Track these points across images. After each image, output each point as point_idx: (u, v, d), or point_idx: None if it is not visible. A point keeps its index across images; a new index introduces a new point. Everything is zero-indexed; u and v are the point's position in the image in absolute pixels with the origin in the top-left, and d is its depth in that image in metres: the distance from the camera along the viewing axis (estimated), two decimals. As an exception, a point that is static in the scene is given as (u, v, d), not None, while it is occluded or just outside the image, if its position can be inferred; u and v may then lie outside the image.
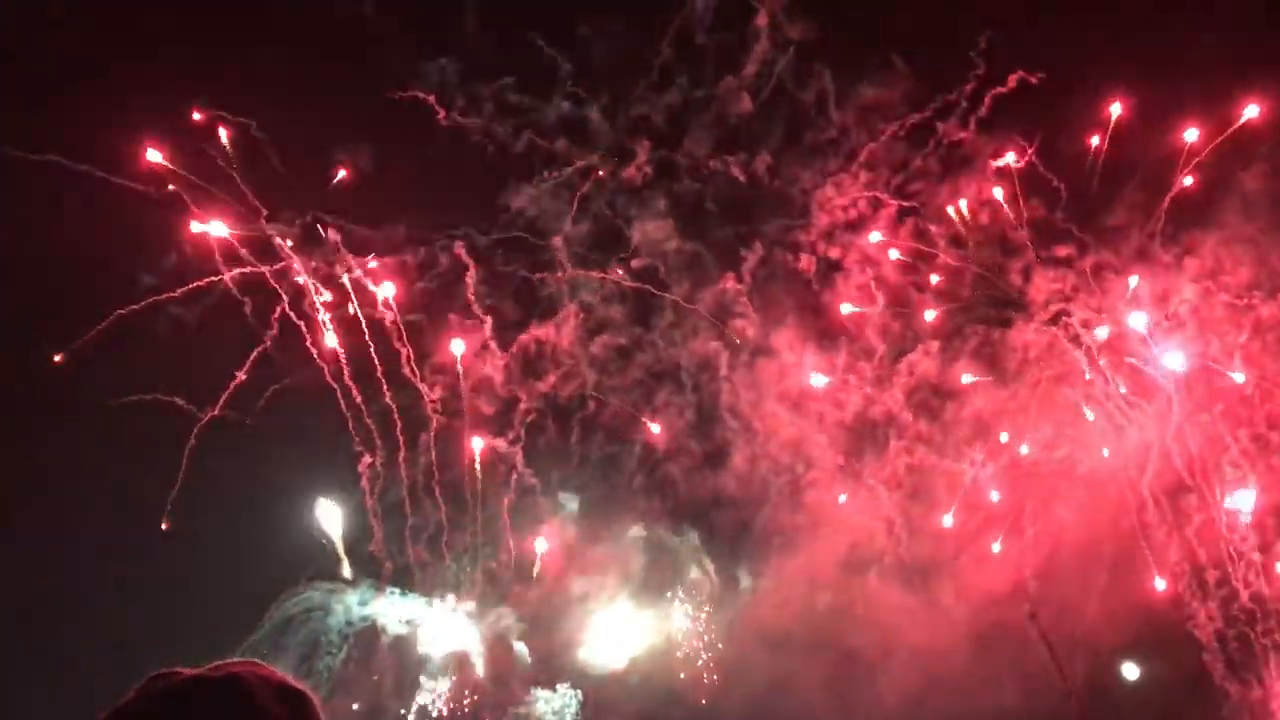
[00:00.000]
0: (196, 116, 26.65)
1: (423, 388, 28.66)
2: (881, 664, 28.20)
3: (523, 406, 29.52)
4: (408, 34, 28.06)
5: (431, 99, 27.93)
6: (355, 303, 27.91)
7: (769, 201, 30.43)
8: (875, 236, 29.86)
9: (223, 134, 26.82)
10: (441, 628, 29.99)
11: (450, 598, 30.01)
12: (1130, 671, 29.11)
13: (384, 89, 27.53)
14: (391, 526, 29.33)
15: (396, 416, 28.46)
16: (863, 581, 29.76)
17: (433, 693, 29.45)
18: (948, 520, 29.90)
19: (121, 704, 3.11)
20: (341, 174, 28.00)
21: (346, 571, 29.92)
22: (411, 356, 28.27)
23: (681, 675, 30.19)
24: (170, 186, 26.10)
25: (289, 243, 27.44)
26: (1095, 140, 28.27)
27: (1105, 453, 28.98)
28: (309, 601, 29.97)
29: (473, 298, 28.88)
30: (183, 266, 26.59)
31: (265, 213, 27.14)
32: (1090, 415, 29.37)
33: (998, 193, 29.16)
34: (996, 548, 29.65)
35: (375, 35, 27.52)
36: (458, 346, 28.90)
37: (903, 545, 29.85)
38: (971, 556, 29.59)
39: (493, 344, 29.15)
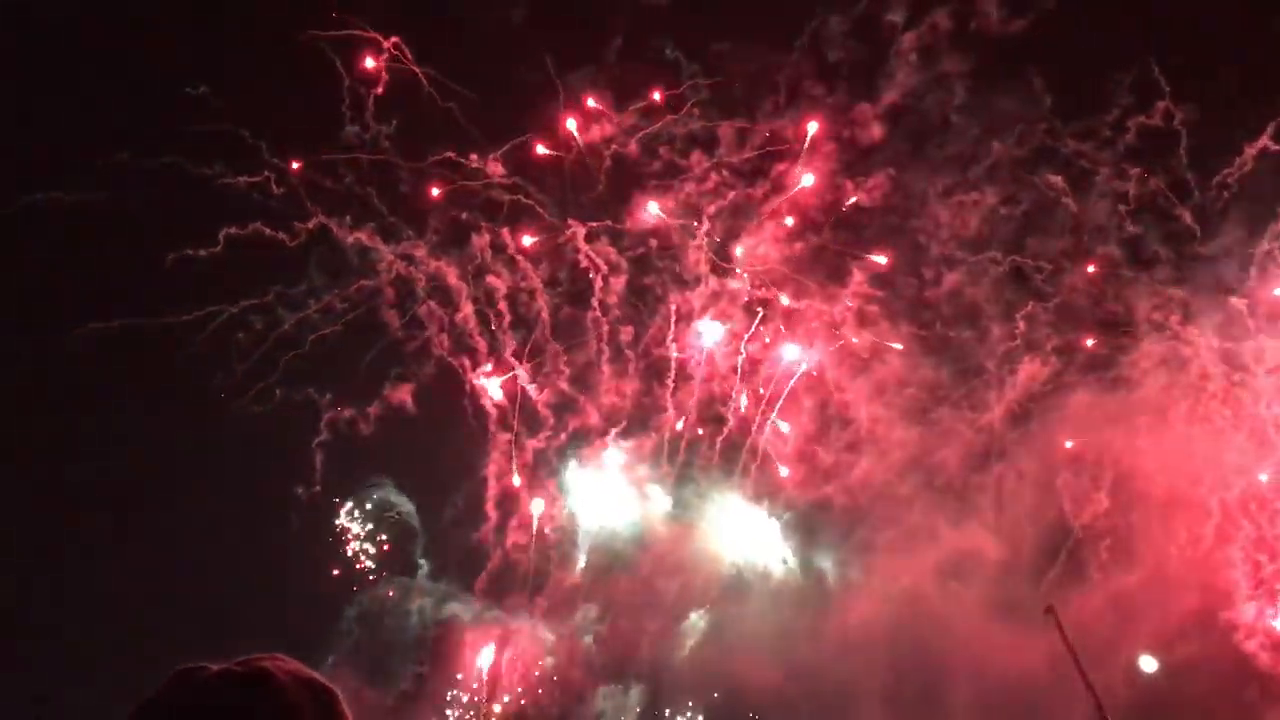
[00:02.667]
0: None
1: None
2: (951, 681, 28.12)
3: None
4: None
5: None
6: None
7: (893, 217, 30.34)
8: None
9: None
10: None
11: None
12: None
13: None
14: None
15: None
16: (952, 599, 29.53)
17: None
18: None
19: (149, 698, 3.07)
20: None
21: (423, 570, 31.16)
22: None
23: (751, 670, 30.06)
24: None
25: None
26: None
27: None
28: (386, 597, 31.16)
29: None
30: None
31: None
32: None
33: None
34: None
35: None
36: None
37: (1001, 571, 29.53)
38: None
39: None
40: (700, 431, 30.72)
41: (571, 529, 31.13)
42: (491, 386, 29.95)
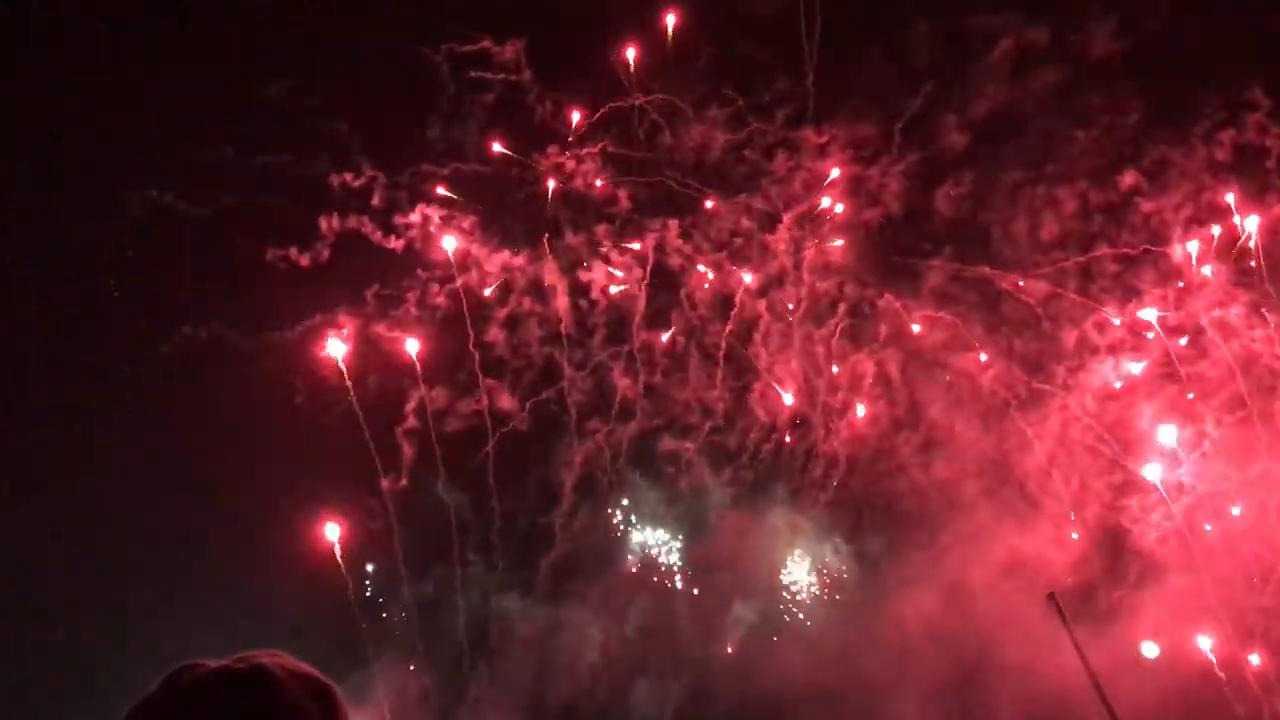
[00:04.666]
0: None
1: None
2: (993, 683, 28.32)
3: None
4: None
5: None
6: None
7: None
8: None
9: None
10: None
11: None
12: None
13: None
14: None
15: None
16: (1003, 603, 29.48)
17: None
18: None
19: (146, 697, 3.04)
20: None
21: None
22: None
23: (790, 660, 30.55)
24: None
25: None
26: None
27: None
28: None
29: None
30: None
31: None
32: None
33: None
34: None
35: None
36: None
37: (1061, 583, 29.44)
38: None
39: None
40: (775, 431, 31.27)
41: (629, 522, 31.92)
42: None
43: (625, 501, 31.72)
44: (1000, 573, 29.82)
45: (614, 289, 30.52)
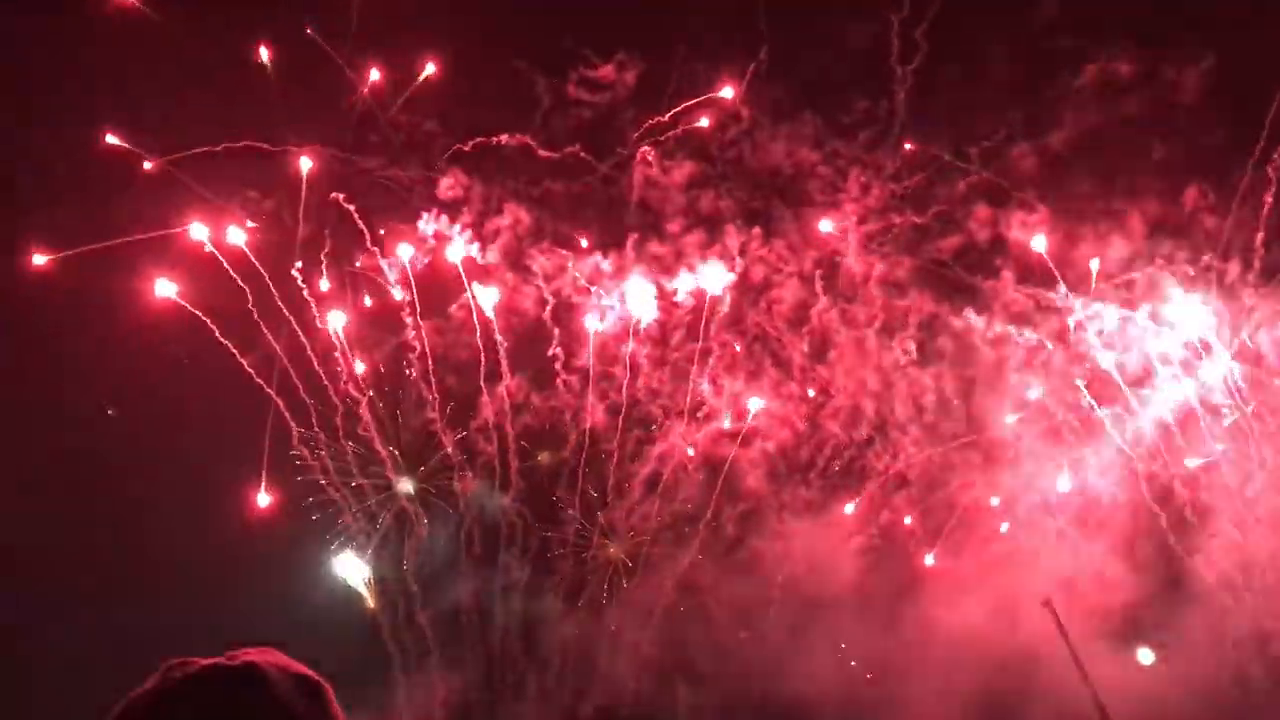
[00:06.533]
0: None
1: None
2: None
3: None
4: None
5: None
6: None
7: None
8: None
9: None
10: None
11: None
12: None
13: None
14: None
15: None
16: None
17: None
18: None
19: (136, 694, 3.00)
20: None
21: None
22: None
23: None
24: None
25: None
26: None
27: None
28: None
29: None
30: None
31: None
32: None
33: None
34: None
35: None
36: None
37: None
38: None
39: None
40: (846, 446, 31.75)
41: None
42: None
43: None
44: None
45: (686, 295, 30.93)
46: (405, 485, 30.35)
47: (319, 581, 30.26)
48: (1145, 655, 30.27)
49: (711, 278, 29.85)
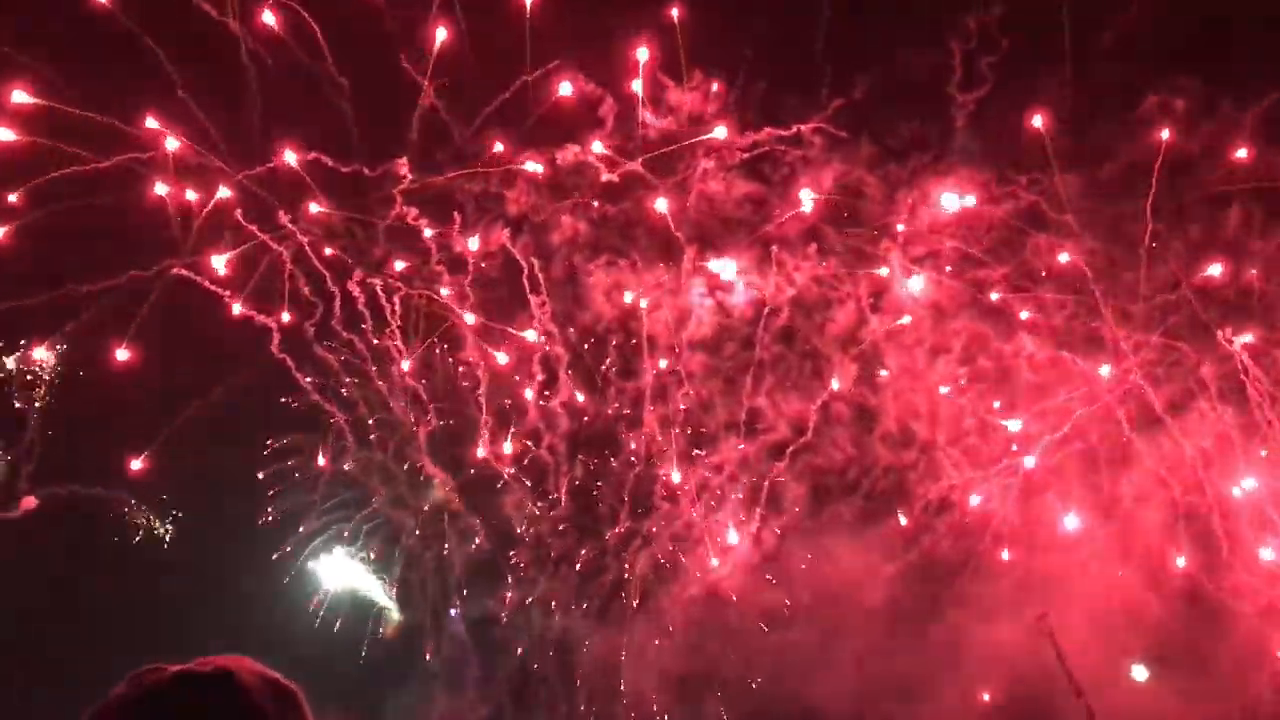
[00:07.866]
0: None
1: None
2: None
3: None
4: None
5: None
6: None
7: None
8: None
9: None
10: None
11: None
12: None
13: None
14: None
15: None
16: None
17: None
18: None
19: (106, 701, 2.98)
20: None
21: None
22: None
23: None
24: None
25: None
26: None
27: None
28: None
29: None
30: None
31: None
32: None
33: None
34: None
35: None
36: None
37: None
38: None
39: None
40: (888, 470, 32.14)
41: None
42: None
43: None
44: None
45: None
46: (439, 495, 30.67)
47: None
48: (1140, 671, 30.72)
49: (764, 294, 30.23)
